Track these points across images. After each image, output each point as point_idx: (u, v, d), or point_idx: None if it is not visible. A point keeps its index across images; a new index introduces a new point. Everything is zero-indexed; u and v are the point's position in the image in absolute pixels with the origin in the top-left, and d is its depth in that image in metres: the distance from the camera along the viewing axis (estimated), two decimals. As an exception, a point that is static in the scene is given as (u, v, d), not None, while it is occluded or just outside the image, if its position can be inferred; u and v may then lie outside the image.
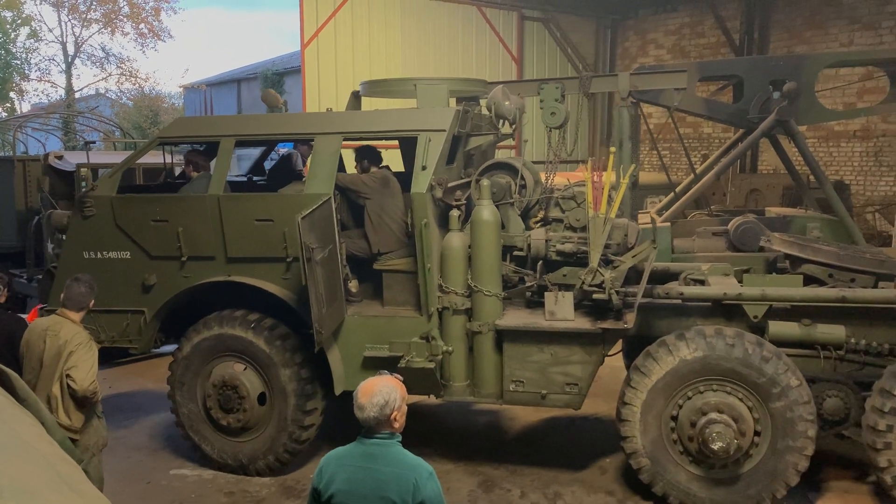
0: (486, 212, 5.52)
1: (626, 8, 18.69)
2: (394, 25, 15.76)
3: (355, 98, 7.26)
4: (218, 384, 5.86)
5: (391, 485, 2.89)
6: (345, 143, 5.85)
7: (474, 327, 5.54)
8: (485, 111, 6.40)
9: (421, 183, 5.44)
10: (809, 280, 5.79)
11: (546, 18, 18.38)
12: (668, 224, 8.06)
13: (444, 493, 3.03)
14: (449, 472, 6.00)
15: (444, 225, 5.69)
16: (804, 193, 10.21)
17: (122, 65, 25.81)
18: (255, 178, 7.99)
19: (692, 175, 10.07)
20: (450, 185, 5.70)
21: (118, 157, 11.38)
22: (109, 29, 24.79)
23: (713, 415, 5.09)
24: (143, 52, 31.04)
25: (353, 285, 5.92)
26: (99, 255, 6.03)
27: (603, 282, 5.22)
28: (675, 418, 5.27)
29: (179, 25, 55.26)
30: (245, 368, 5.85)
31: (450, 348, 5.53)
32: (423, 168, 5.47)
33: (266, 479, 5.94)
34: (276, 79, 24.20)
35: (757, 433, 5.14)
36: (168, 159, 8.41)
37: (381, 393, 2.98)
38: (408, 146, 7.27)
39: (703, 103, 10.08)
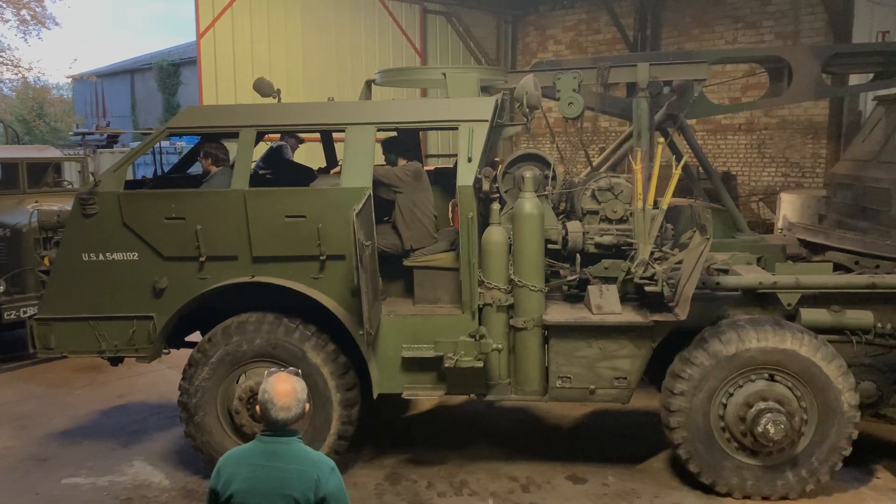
0: (529, 204, 5.35)
1: (526, 4, 19.06)
2: (294, 16, 15.49)
3: (368, 88, 6.92)
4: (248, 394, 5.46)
5: (293, 482, 2.87)
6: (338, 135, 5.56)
7: (518, 323, 5.36)
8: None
9: (467, 175, 5.22)
10: (834, 267, 5.94)
11: (448, 13, 18.53)
12: None
13: (351, 488, 3.04)
14: (355, 466, 5.98)
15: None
16: (693, 184, 10.69)
17: (3, 53, 24.21)
18: (259, 171, 7.52)
19: (589, 167, 10.38)
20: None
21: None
22: (-13, 15, 23.21)
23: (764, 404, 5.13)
24: (26, 39, 29.40)
25: (379, 283, 5.69)
26: (101, 257, 5.53)
27: (655, 274, 5.23)
28: (725, 406, 5.26)
29: (66, 12, 52.38)
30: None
31: (500, 346, 5.36)
32: (469, 160, 5.26)
33: (166, 482, 5.77)
34: (172, 70, 23.40)
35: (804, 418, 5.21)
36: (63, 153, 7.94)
37: (301, 390, 3.00)
38: (406, 137, 7.03)
39: (598, 98, 10.39)
